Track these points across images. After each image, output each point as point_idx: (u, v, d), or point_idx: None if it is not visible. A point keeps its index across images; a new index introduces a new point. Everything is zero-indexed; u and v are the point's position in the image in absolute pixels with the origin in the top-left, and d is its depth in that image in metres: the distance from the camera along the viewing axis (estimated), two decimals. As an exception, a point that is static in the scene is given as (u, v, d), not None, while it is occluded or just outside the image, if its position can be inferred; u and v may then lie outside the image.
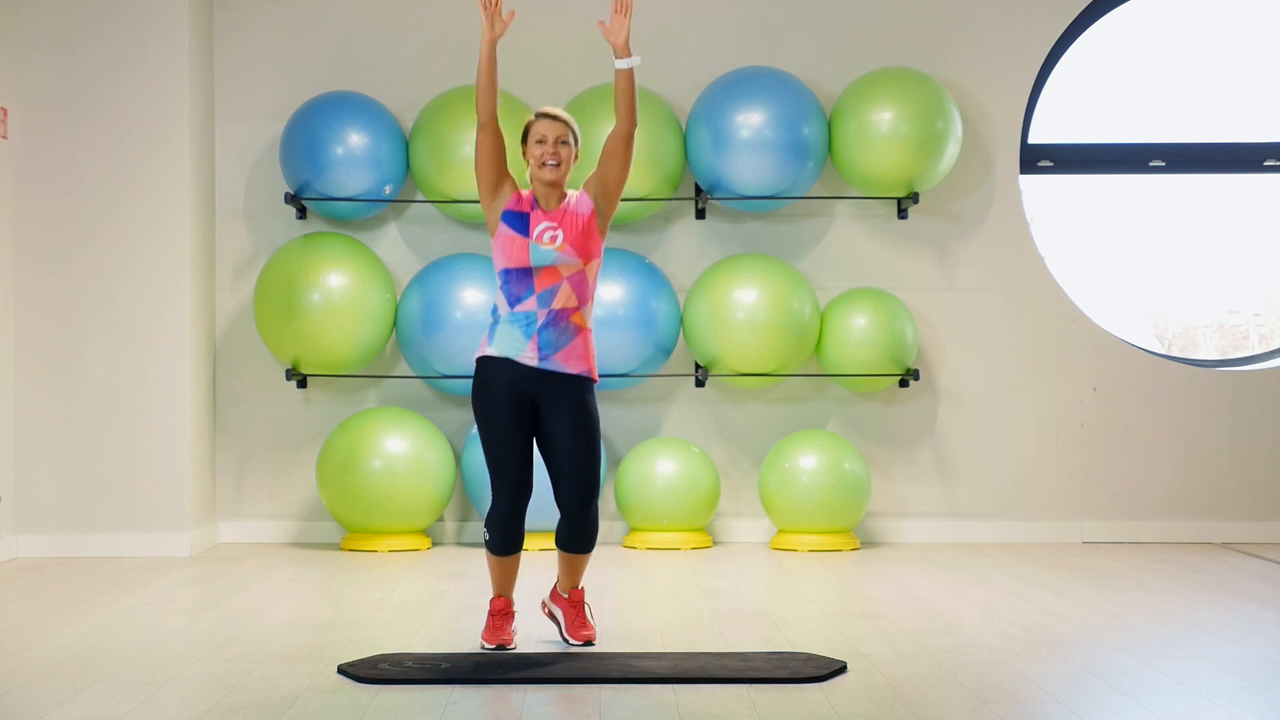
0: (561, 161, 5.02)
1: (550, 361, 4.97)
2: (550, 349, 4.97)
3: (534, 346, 4.97)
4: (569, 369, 4.99)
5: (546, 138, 5.02)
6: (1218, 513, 8.06)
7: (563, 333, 4.99)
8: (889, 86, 7.64)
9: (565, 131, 5.04)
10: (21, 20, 7.44)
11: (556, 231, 4.99)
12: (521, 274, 4.98)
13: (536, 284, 4.98)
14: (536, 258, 4.97)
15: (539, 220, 5.01)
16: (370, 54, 7.96)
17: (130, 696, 4.38)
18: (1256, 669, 4.76)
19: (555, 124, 5.03)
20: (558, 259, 4.98)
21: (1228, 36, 9.38)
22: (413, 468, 7.41)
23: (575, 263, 5.00)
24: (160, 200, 7.48)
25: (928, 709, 4.25)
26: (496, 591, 5.15)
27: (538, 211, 5.03)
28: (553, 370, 4.98)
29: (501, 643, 5.06)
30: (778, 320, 7.53)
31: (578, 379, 5.01)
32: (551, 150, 5.01)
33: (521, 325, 4.98)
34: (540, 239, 4.98)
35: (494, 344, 5.01)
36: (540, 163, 5.02)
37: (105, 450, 7.45)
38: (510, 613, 5.14)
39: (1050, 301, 8.07)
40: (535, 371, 4.98)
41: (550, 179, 5.02)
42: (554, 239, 4.98)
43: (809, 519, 7.51)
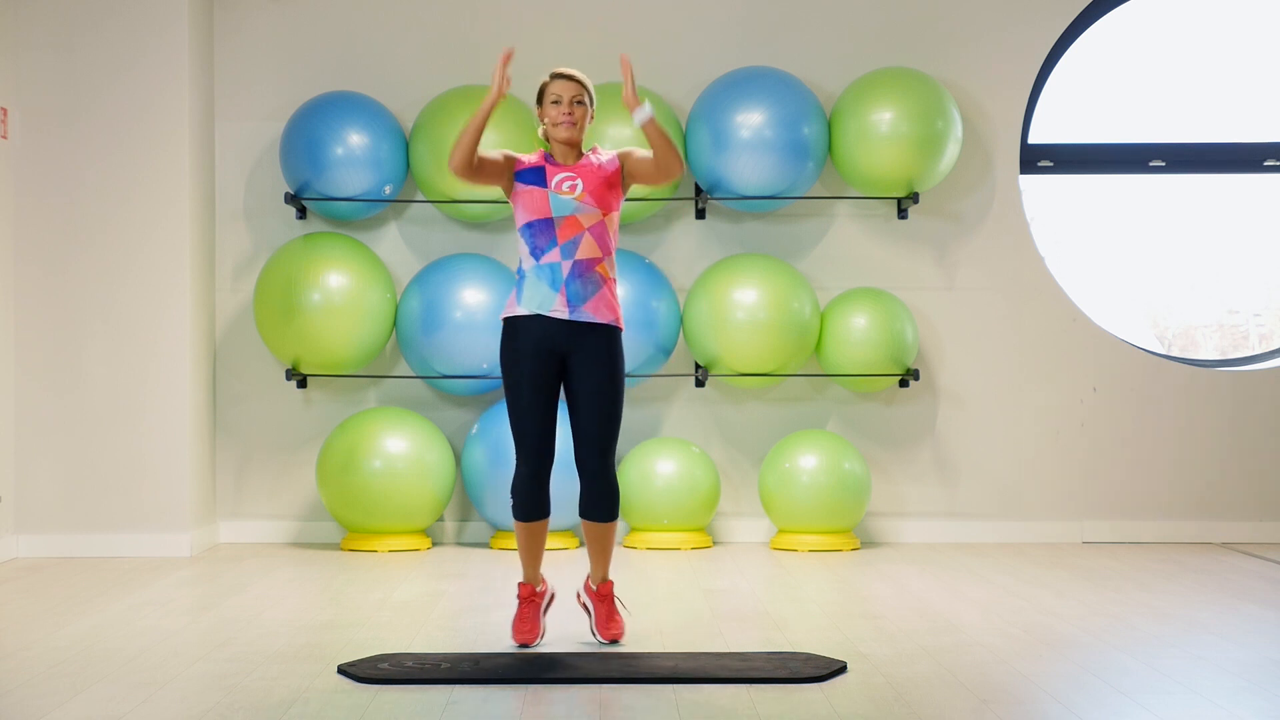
0: (577, 121, 5.06)
1: (579, 312, 5.01)
2: (579, 300, 5.01)
3: (563, 299, 5.00)
4: (598, 319, 5.03)
5: (562, 98, 5.06)
6: (1218, 513, 8.06)
7: (589, 283, 5.02)
8: (889, 86, 7.64)
9: (580, 91, 5.08)
10: (21, 20, 7.44)
11: (575, 181, 5.04)
12: (543, 225, 5.01)
13: (559, 235, 5.01)
14: (557, 207, 5.01)
15: (556, 172, 5.06)
16: (370, 54, 7.97)
17: (130, 696, 4.38)
18: (1256, 669, 4.76)
19: (570, 84, 5.08)
20: (578, 208, 5.01)
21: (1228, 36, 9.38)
22: (413, 468, 7.41)
23: (595, 212, 5.03)
24: (160, 200, 7.48)
25: (928, 709, 4.25)
26: (524, 575, 5.20)
27: (553, 165, 5.08)
28: (582, 321, 5.02)
29: (525, 641, 5.10)
30: (778, 320, 7.53)
31: (607, 328, 5.06)
32: (567, 110, 5.05)
33: (548, 278, 5.01)
34: (559, 188, 5.03)
35: (522, 301, 5.05)
36: (555, 122, 5.06)
37: (105, 450, 7.45)
38: (536, 600, 5.16)
39: (1050, 301, 8.07)
40: (565, 325, 5.02)
41: (566, 137, 5.07)
42: (573, 188, 5.03)
43: (809, 519, 7.51)
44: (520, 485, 5.11)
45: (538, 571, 5.23)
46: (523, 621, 5.15)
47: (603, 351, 5.05)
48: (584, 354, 5.05)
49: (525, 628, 5.13)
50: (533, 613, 5.16)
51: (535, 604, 5.18)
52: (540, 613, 5.20)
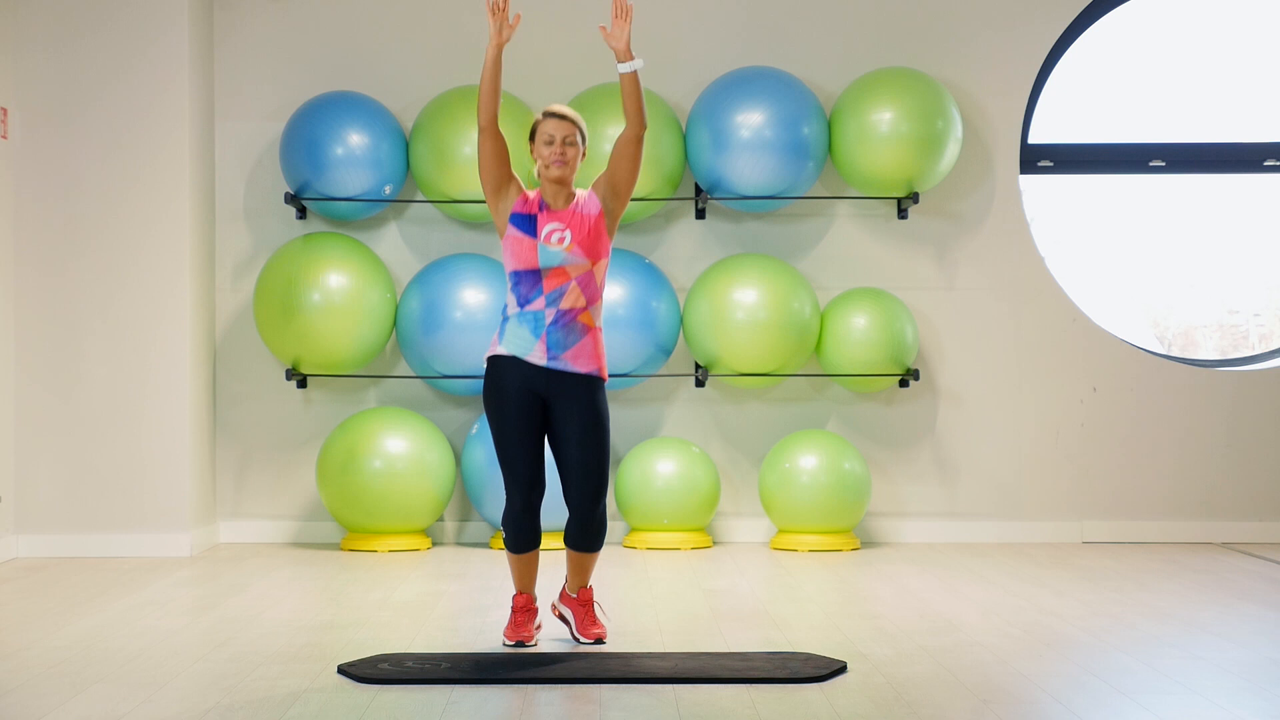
0: (569, 161, 5.03)
1: (559, 361, 5.00)
2: (559, 348, 4.99)
3: (542, 345, 4.99)
4: (578, 368, 5.01)
5: (554, 137, 5.04)
6: (1218, 513, 8.06)
7: (570, 332, 5.00)
8: (889, 86, 7.64)
9: (573, 131, 5.05)
10: (21, 20, 7.44)
11: (564, 232, 5.01)
12: (530, 275, 5.00)
13: (545, 285, 5.00)
14: (545, 259, 4.99)
15: (546, 221, 5.02)
16: (370, 54, 7.96)
17: (130, 696, 4.38)
18: (1256, 669, 4.76)
19: (563, 123, 5.05)
20: (566, 260, 4.99)
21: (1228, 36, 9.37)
22: (413, 468, 7.41)
23: (583, 263, 5.01)
24: (160, 200, 7.48)
25: (928, 709, 4.25)
26: (518, 588, 5.20)
27: (545, 212, 5.04)
28: (561, 370, 5.00)
29: (521, 639, 5.11)
30: (778, 320, 7.53)
31: (587, 378, 5.04)
32: (559, 150, 5.02)
33: (530, 324, 5.00)
34: (548, 240, 5.00)
35: (504, 343, 5.05)
36: (548, 163, 5.03)
37: (105, 450, 7.45)
38: (532, 609, 5.18)
39: (1050, 301, 8.07)
40: (544, 371, 5.00)
41: (558, 177, 5.04)
42: (561, 240, 5.00)
43: (809, 519, 7.51)
44: (512, 519, 5.09)
45: (533, 587, 5.23)
46: (517, 626, 5.14)
47: (583, 401, 5.02)
48: (565, 402, 5.02)
49: (523, 631, 5.13)
50: (528, 619, 5.16)
51: (531, 612, 5.18)
52: (533, 620, 5.19)
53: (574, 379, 5.02)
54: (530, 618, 5.16)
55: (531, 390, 5.02)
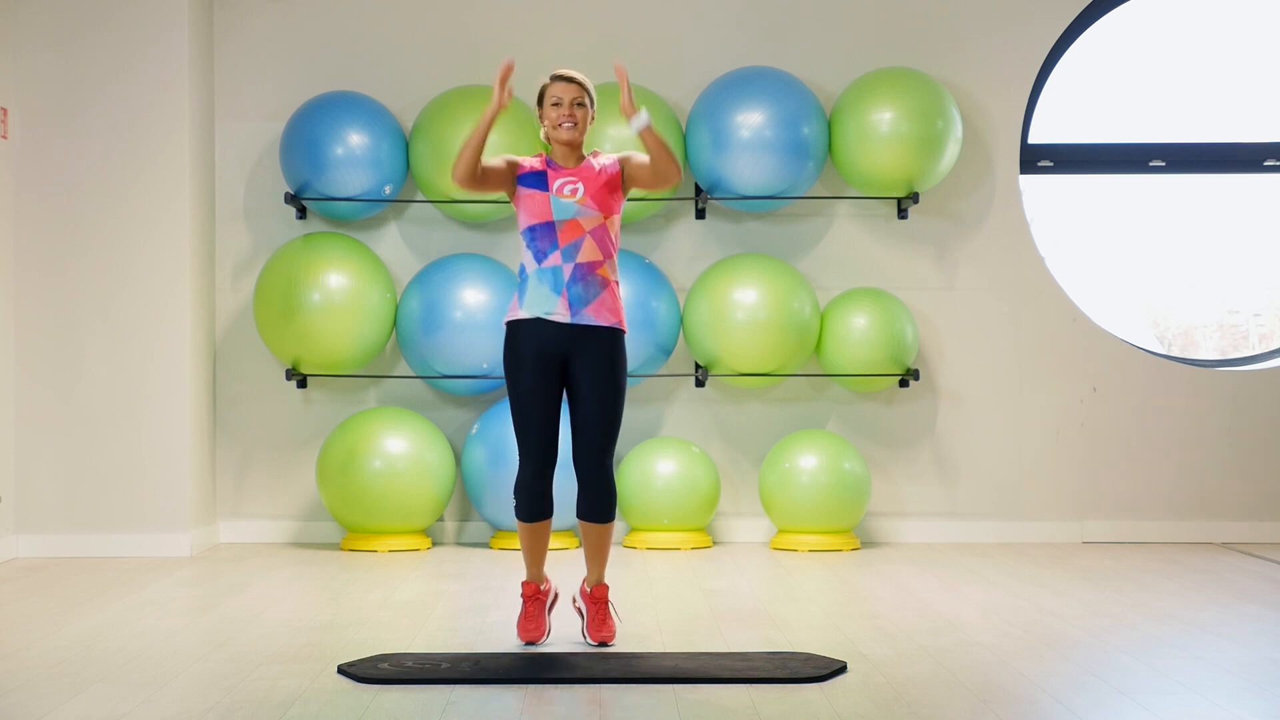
0: (578, 122, 5.08)
1: (581, 315, 5.03)
2: (580, 303, 5.03)
3: (564, 302, 5.02)
4: (600, 321, 5.05)
5: (562, 100, 5.08)
6: (1218, 513, 8.06)
7: (590, 285, 5.04)
8: (889, 86, 7.64)
9: (580, 93, 5.10)
10: (21, 20, 7.44)
11: (576, 185, 5.06)
12: (545, 229, 5.03)
13: (560, 238, 5.03)
14: (558, 211, 5.02)
15: (557, 176, 5.08)
16: (370, 54, 7.96)
17: (130, 696, 4.38)
18: (1256, 669, 4.76)
19: (570, 86, 5.10)
20: (579, 211, 5.03)
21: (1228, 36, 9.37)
22: (413, 468, 7.41)
23: (596, 215, 5.04)
24: (160, 200, 7.48)
25: (928, 709, 4.25)
26: (528, 574, 5.22)
27: (554, 169, 5.09)
28: (584, 324, 5.03)
29: (531, 639, 5.13)
30: (778, 320, 7.53)
31: (609, 331, 5.08)
32: (568, 112, 5.07)
33: (550, 281, 5.03)
34: (560, 192, 5.04)
35: (524, 304, 5.07)
36: (556, 124, 5.07)
37: (105, 450, 7.45)
38: (540, 598, 5.19)
39: (1050, 301, 8.07)
40: (567, 328, 5.03)
41: (567, 139, 5.08)
42: (574, 191, 5.05)
43: (809, 519, 7.51)
44: (523, 485, 5.12)
45: (541, 570, 5.24)
46: (528, 620, 5.17)
47: (604, 354, 5.06)
48: (585, 356, 5.06)
49: (531, 626, 5.16)
50: (538, 611, 5.18)
51: (540, 602, 5.20)
52: (545, 611, 5.22)
53: (596, 332, 5.06)
54: (539, 608, 5.18)
55: (552, 352, 5.04)
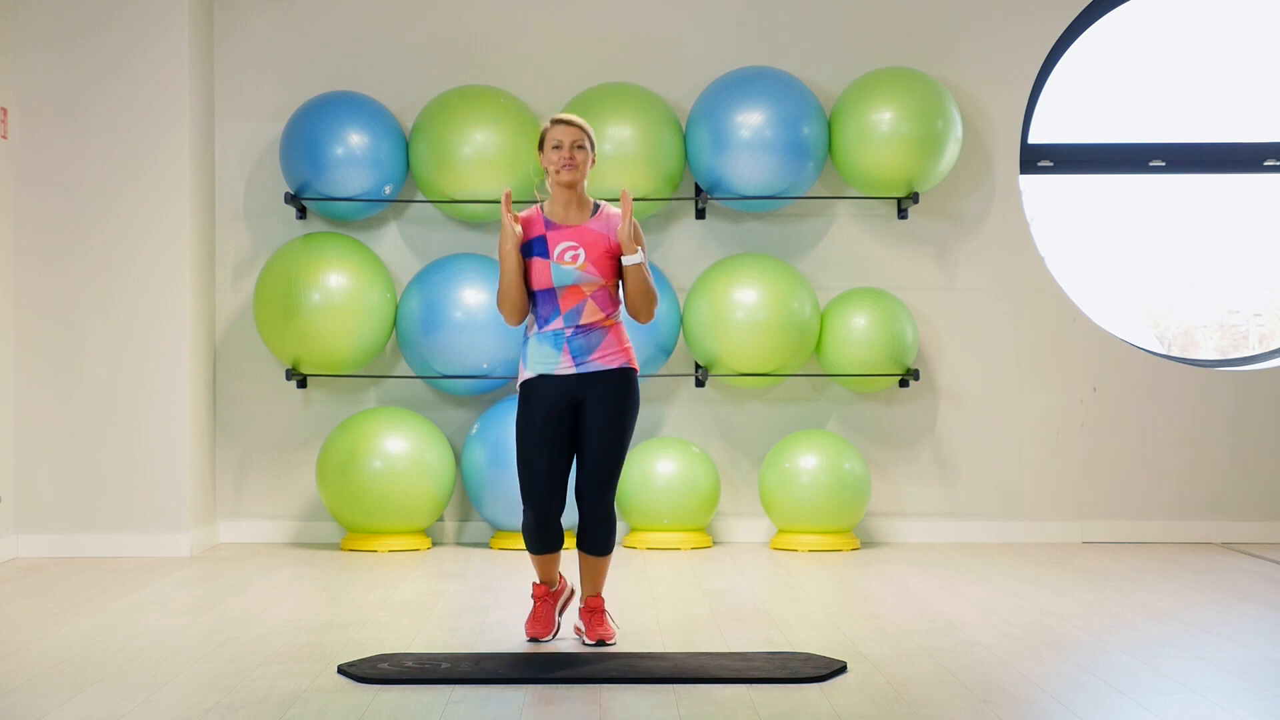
0: (578, 165, 5.06)
1: (587, 364, 5.04)
2: (584, 353, 5.04)
3: (567, 355, 5.03)
4: (608, 365, 5.05)
5: (563, 143, 5.06)
6: (1218, 513, 8.06)
7: (592, 335, 5.05)
8: (889, 86, 7.64)
9: (581, 136, 5.08)
10: (21, 20, 7.44)
11: (578, 251, 5.03)
12: (546, 295, 5.04)
13: (561, 304, 5.03)
14: (559, 277, 5.01)
15: (558, 240, 5.04)
16: (370, 54, 7.96)
17: (130, 696, 4.38)
18: (1256, 669, 4.76)
19: (571, 129, 5.08)
20: (580, 278, 5.02)
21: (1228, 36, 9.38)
22: (413, 468, 7.41)
23: (597, 281, 5.03)
24: (160, 200, 7.48)
25: (928, 709, 4.25)
26: (539, 579, 5.27)
27: (554, 230, 5.06)
28: (592, 371, 5.04)
29: (536, 635, 5.18)
30: (778, 320, 7.53)
31: (618, 372, 5.08)
32: (568, 155, 5.05)
33: (550, 341, 5.05)
34: (561, 259, 5.02)
35: (529, 365, 5.09)
36: (557, 167, 5.06)
37: (105, 450, 7.45)
38: (550, 599, 5.23)
39: (1050, 301, 8.07)
40: (574, 378, 5.04)
41: (568, 181, 5.06)
42: (575, 258, 5.02)
43: (809, 519, 7.51)
44: (529, 529, 5.15)
45: (554, 576, 5.28)
46: (536, 619, 5.21)
47: (613, 393, 5.06)
48: (595, 398, 5.06)
49: (539, 625, 5.19)
50: (547, 610, 5.22)
51: (550, 603, 5.23)
52: (555, 610, 5.25)
53: (606, 375, 5.06)
54: (549, 609, 5.22)
55: (563, 404, 5.04)
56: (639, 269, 5.01)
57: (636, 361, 5.15)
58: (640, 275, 5.01)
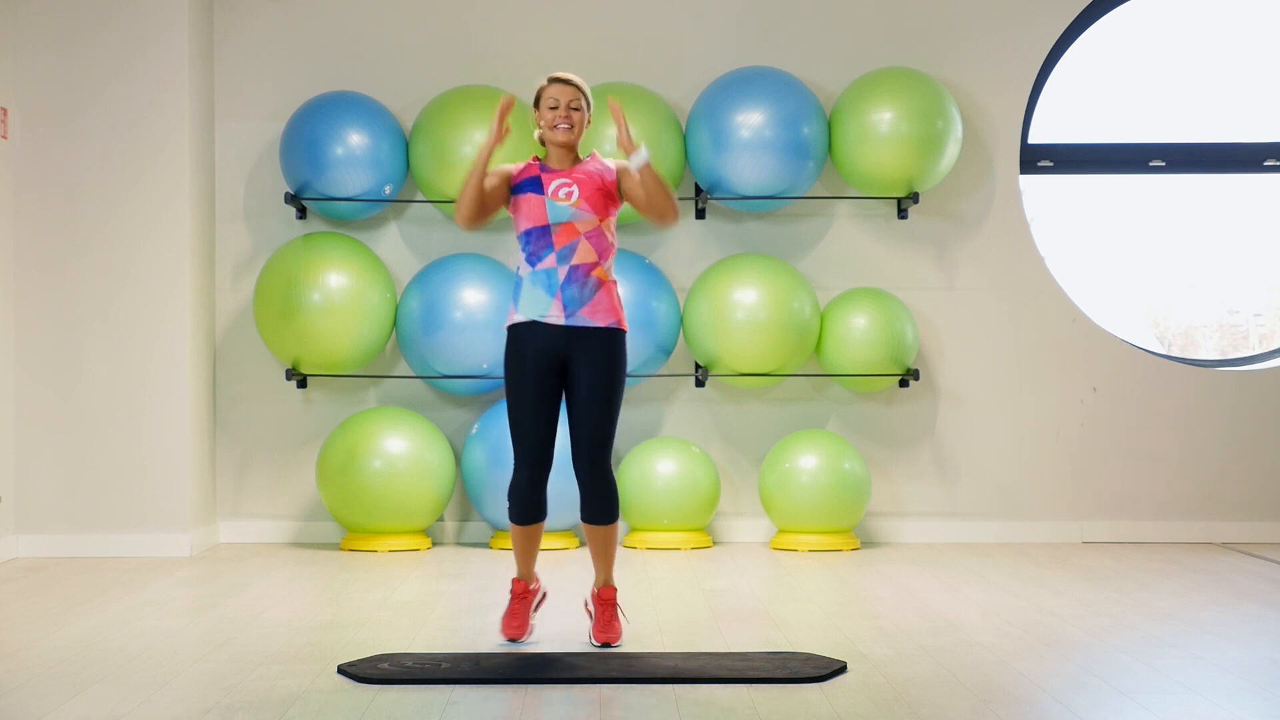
0: (574, 125, 5.08)
1: (576, 317, 5.03)
2: (575, 304, 5.03)
3: (559, 304, 5.02)
4: (596, 322, 5.05)
5: (559, 102, 5.08)
6: (1218, 513, 8.06)
7: (584, 287, 5.04)
8: (889, 86, 7.64)
9: (577, 96, 5.10)
10: (21, 20, 7.44)
11: (571, 187, 5.06)
12: (540, 232, 5.04)
13: (555, 241, 5.03)
14: (553, 214, 5.03)
15: (552, 179, 5.08)
16: (370, 54, 7.96)
17: (130, 696, 4.38)
18: (1256, 669, 4.76)
19: (567, 88, 5.09)
20: (574, 215, 5.03)
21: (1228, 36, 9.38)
22: (413, 468, 7.41)
23: (591, 219, 5.05)
24: (160, 200, 7.48)
25: (928, 709, 4.25)
26: (518, 572, 5.23)
27: (548, 172, 5.10)
28: (581, 326, 5.03)
29: (513, 635, 5.14)
30: (778, 320, 7.53)
31: (607, 331, 5.07)
32: (564, 114, 5.07)
33: (544, 284, 5.03)
34: (555, 194, 5.05)
35: (520, 308, 5.08)
36: (552, 125, 5.08)
37: (105, 450, 7.45)
38: (527, 596, 5.20)
39: (1050, 301, 8.07)
40: (563, 330, 5.03)
41: (563, 140, 5.08)
42: (569, 195, 5.05)
43: (809, 519, 7.51)
44: (517, 489, 5.12)
45: (532, 569, 5.25)
46: (511, 617, 5.18)
47: (601, 353, 5.05)
48: (583, 357, 5.05)
49: (514, 623, 5.16)
50: (522, 609, 5.19)
51: (526, 600, 5.21)
52: (530, 610, 5.23)
53: (594, 333, 5.05)
54: (524, 607, 5.18)
55: (551, 355, 5.04)
56: (648, 168, 5.00)
57: (626, 324, 5.15)
58: (652, 173, 5.00)
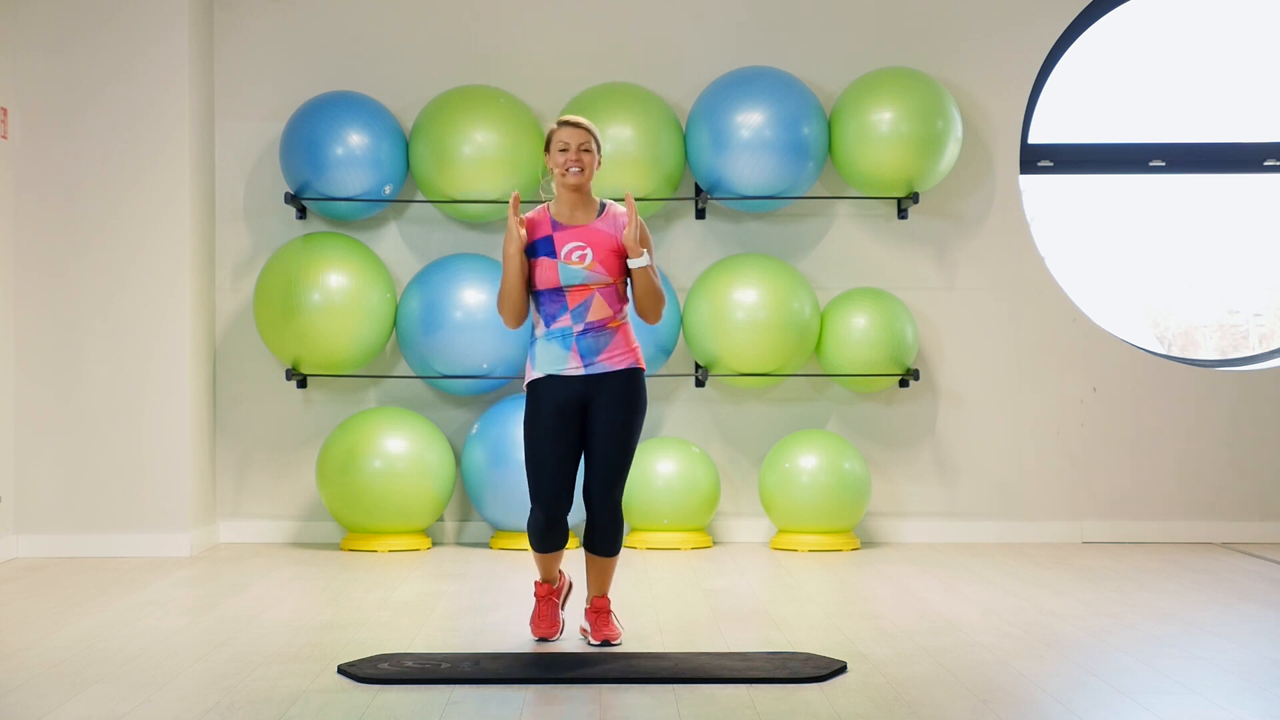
0: (584, 168, 5.07)
1: (595, 365, 5.05)
2: (593, 353, 5.04)
3: (575, 355, 5.04)
4: (616, 366, 5.06)
5: (569, 145, 5.07)
6: (1218, 513, 8.06)
7: (601, 336, 5.06)
8: (889, 86, 7.64)
9: (588, 139, 5.09)
10: (21, 20, 7.44)
11: (585, 250, 5.04)
12: (553, 294, 5.05)
13: (569, 301, 5.04)
14: (566, 277, 5.02)
15: (565, 240, 5.05)
16: (370, 54, 7.96)
17: (130, 696, 4.38)
18: (1256, 669, 4.76)
19: (578, 131, 5.09)
20: (588, 278, 5.03)
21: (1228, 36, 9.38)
22: (413, 468, 7.41)
23: (605, 279, 5.05)
24: (160, 200, 7.48)
25: (928, 709, 4.25)
26: (541, 576, 5.27)
27: (560, 231, 5.06)
28: (600, 372, 5.05)
29: (544, 635, 5.18)
30: (778, 320, 7.53)
31: (627, 373, 5.09)
32: (575, 158, 5.06)
33: (559, 340, 5.05)
34: (569, 258, 5.03)
35: (537, 366, 5.09)
36: (564, 169, 5.06)
37: (105, 450, 7.45)
38: (553, 596, 5.23)
39: (1050, 301, 8.07)
40: (582, 378, 5.04)
41: (574, 184, 5.07)
42: (583, 258, 5.04)
43: (809, 519, 7.51)
44: (536, 527, 5.15)
45: (554, 573, 5.29)
46: (540, 618, 5.21)
47: (621, 392, 5.07)
48: (604, 397, 5.07)
49: (544, 624, 5.20)
50: (552, 609, 5.23)
51: (553, 601, 5.23)
52: (559, 607, 5.26)
53: (614, 376, 5.07)
54: (553, 607, 5.23)
55: (572, 403, 5.05)
56: (645, 271, 5.02)
57: (644, 361, 5.16)
58: (647, 277, 5.03)
